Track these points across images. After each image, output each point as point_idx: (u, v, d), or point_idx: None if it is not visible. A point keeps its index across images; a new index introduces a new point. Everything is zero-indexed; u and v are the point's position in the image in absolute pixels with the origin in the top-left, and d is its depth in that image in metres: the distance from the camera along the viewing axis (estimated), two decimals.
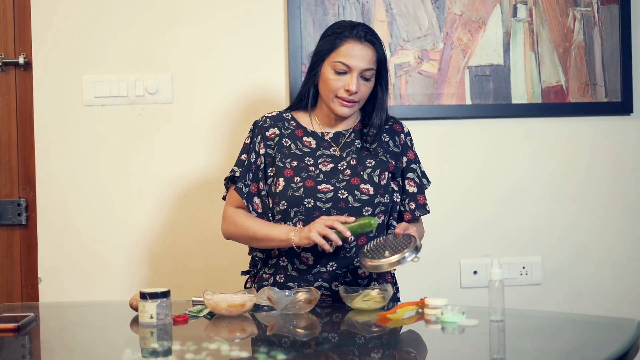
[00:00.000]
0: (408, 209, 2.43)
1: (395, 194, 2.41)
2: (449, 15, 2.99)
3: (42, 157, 2.90)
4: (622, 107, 3.06)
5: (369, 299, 2.14)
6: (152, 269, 2.94)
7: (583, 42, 3.04)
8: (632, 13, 3.06)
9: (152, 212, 2.93)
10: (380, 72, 2.38)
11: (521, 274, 3.04)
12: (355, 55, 2.31)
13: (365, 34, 2.34)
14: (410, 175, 2.44)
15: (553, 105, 3.04)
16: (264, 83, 2.95)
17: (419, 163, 2.48)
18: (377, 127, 2.41)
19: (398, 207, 2.43)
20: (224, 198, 2.47)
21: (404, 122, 2.51)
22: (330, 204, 2.31)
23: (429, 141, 2.98)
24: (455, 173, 3.04)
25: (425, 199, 2.45)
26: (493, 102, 3.01)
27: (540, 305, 3.02)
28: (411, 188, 2.43)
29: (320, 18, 2.93)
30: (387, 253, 2.06)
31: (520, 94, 3.02)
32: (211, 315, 2.11)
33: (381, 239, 2.21)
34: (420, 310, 2.07)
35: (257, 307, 2.16)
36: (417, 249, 2.10)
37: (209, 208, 2.91)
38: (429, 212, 2.45)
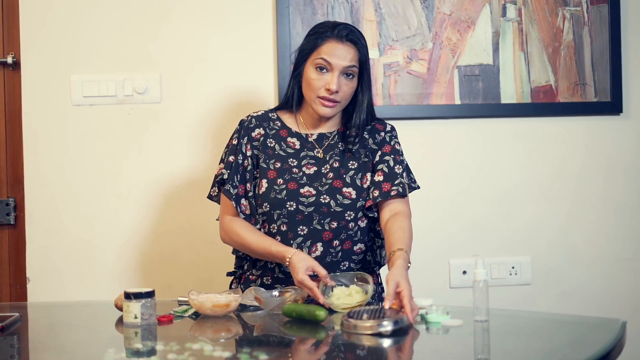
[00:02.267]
0: (371, 197, 2.33)
1: None
2: (438, 15, 2.98)
3: (30, 157, 2.90)
4: (612, 107, 3.06)
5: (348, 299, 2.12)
6: (140, 268, 2.93)
7: (572, 42, 3.04)
8: (622, 13, 3.05)
9: (141, 211, 2.93)
10: (361, 72, 2.36)
11: (510, 274, 3.04)
12: (336, 53, 2.30)
13: (347, 33, 2.32)
14: (379, 166, 2.37)
15: (542, 105, 3.03)
16: (253, 83, 2.95)
17: (398, 156, 2.39)
18: (358, 127, 2.39)
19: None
20: (209, 197, 2.47)
21: (392, 122, 2.50)
22: (312, 208, 2.30)
23: (418, 141, 2.98)
24: (444, 173, 3.03)
25: (392, 186, 2.32)
26: (482, 102, 3.01)
27: (530, 305, 3.02)
28: (378, 177, 2.35)
29: (309, 18, 2.92)
30: (365, 316, 1.99)
31: (509, 94, 3.02)
32: (196, 315, 2.11)
33: (372, 307, 2.02)
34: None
35: (243, 307, 2.16)
36: (396, 323, 1.91)
37: (198, 207, 2.91)
38: (392, 196, 2.32)
